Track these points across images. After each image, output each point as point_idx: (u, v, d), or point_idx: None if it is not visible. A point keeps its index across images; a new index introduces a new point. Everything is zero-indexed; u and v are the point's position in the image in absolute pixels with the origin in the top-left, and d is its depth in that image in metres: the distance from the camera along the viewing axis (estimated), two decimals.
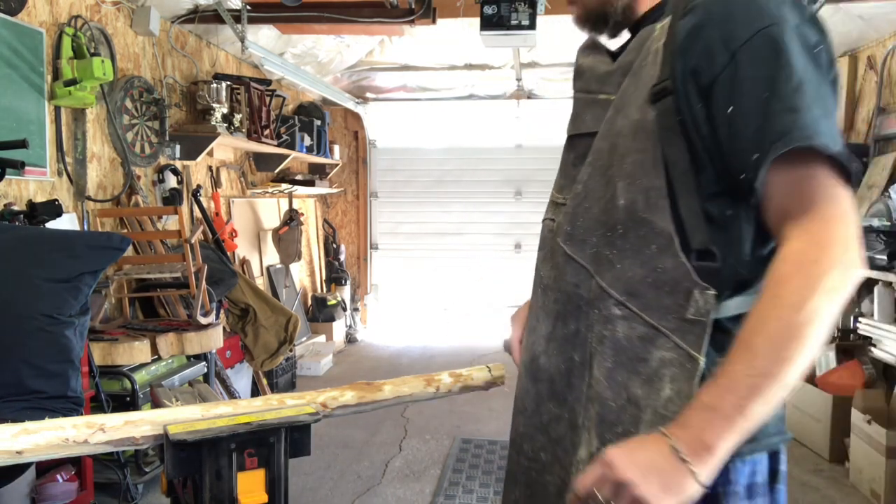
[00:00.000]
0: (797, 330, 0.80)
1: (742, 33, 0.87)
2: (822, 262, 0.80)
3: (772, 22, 0.86)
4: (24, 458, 1.05)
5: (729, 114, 0.87)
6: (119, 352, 2.87)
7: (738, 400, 0.81)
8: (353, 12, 4.04)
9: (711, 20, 0.89)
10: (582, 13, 1.08)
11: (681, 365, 0.90)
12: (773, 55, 0.85)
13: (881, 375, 3.55)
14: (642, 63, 0.96)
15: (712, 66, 0.88)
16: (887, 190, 3.75)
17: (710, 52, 0.88)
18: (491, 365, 1.51)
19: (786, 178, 0.84)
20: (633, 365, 0.93)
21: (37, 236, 2.20)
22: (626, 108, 0.97)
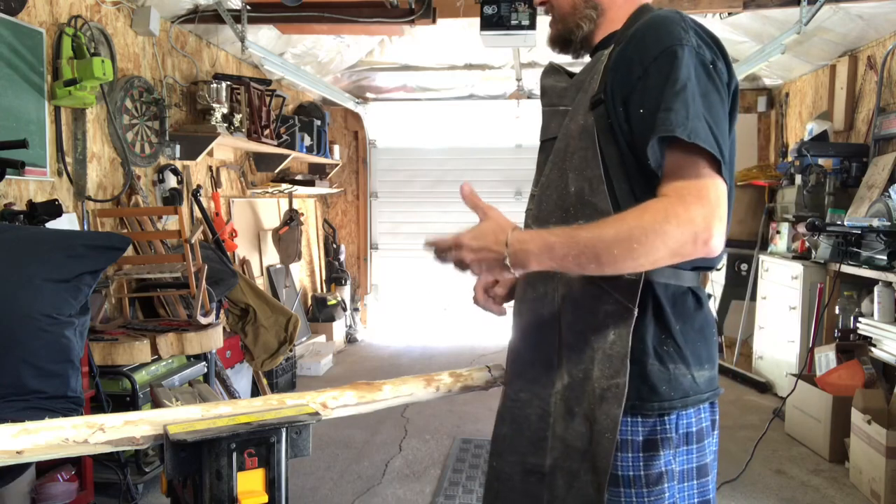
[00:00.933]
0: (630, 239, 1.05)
1: (652, 52, 1.12)
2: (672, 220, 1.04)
3: (674, 42, 1.11)
4: (24, 458, 1.05)
5: (640, 114, 1.12)
6: (119, 352, 2.87)
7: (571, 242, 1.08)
8: (353, 12, 4.04)
9: (633, 44, 1.16)
10: (554, 36, 1.38)
11: (619, 315, 1.17)
12: (669, 68, 1.10)
13: (881, 375, 3.54)
14: (590, 80, 1.23)
15: (630, 78, 1.14)
16: (887, 190, 3.75)
17: (630, 69, 1.14)
18: (491, 365, 1.51)
19: (669, 161, 1.10)
20: (587, 316, 1.20)
21: (37, 236, 2.20)
22: (576, 115, 1.23)
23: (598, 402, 1.17)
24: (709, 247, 1.06)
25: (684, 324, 1.20)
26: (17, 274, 1.98)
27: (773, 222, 5.06)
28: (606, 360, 1.17)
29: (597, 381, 1.18)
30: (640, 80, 1.12)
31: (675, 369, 1.18)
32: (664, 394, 1.17)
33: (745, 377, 4.97)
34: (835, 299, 3.89)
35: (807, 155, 4.60)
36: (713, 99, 1.11)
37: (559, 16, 1.35)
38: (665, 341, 1.18)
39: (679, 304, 1.20)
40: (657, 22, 1.16)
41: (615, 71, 1.16)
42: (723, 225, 1.07)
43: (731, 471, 3.35)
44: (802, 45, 4.71)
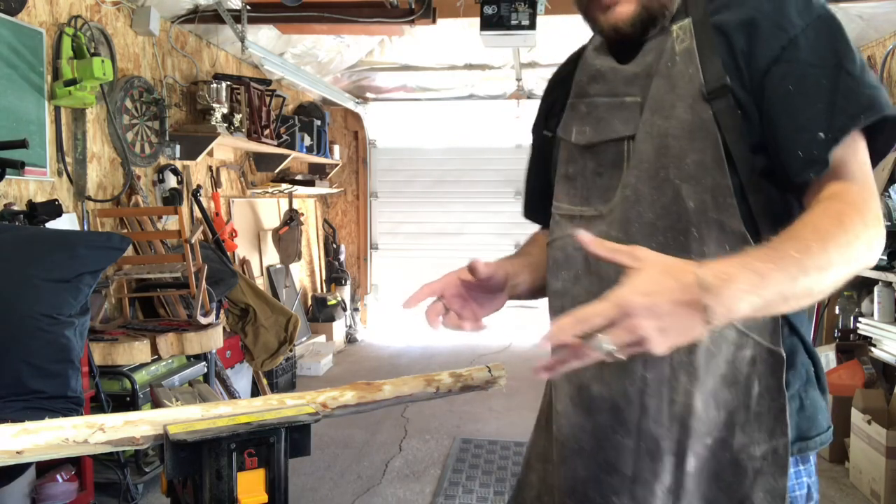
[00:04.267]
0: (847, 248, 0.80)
1: (795, 18, 0.88)
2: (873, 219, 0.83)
3: (823, 11, 0.89)
4: (24, 458, 1.05)
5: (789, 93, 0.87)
6: (119, 352, 2.87)
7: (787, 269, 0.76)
8: (353, 12, 4.04)
9: (762, 12, 0.90)
10: (636, 13, 0.97)
11: (765, 361, 0.90)
12: (834, 40, 0.87)
13: (881, 375, 3.55)
14: (669, 63, 0.95)
15: (770, 52, 0.88)
16: (887, 190, 3.75)
17: (768, 41, 0.89)
18: (491, 365, 1.51)
19: (848, 151, 0.86)
20: (721, 369, 0.91)
21: (37, 236, 2.20)
22: (669, 108, 0.94)
23: (752, 480, 0.91)
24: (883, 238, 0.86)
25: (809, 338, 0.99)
26: (17, 274, 1.98)
27: None
28: (755, 423, 0.91)
29: (740, 452, 0.91)
30: (788, 52, 0.88)
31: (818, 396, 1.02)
32: (821, 425, 1.00)
33: None
34: (835, 299, 3.89)
35: None
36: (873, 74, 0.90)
37: None
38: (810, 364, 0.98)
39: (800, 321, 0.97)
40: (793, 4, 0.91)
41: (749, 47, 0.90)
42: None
43: None
44: None
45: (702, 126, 0.91)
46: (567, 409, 1.02)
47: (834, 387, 3.56)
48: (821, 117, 0.85)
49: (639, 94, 0.98)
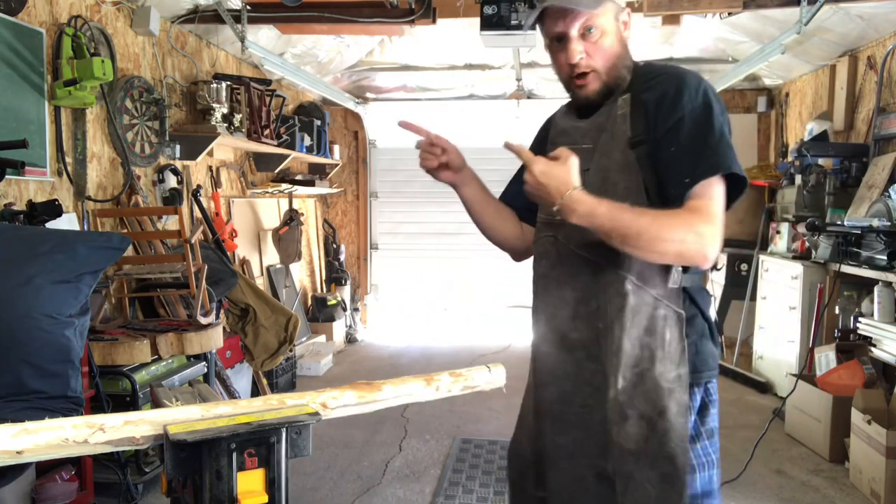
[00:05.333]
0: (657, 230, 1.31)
1: (686, 101, 1.38)
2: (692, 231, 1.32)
3: (703, 94, 1.39)
4: (24, 458, 1.05)
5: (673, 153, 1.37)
6: (119, 352, 2.87)
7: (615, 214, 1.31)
8: (353, 12, 4.04)
9: (667, 95, 1.39)
10: (599, 89, 1.47)
11: (673, 318, 1.41)
12: (706, 117, 1.37)
13: (881, 375, 3.54)
14: (612, 123, 1.44)
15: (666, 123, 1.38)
16: (887, 190, 3.75)
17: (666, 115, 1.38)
18: (491, 365, 1.51)
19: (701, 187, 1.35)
20: (643, 322, 1.40)
21: (37, 236, 2.20)
22: (610, 152, 1.44)
23: (667, 395, 1.38)
24: (709, 258, 1.34)
25: (708, 312, 1.49)
26: (17, 274, 1.98)
27: (773, 222, 5.06)
28: (668, 358, 1.39)
29: (660, 377, 1.38)
30: (678, 126, 1.37)
31: (711, 346, 1.48)
32: (711, 364, 1.47)
33: (745, 377, 4.97)
34: (835, 299, 3.89)
35: (807, 155, 4.60)
36: (729, 136, 1.40)
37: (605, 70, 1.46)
38: (705, 326, 1.47)
39: (704, 298, 1.50)
40: (683, 77, 1.41)
41: (653, 116, 1.39)
42: (719, 241, 1.35)
43: (731, 471, 3.35)
44: (802, 45, 4.71)
45: (628, 165, 1.41)
46: (552, 350, 1.51)
47: (834, 387, 3.56)
48: (688, 169, 1.36)
49: (591, 143, 1.47)
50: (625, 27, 1.48)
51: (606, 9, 1.43)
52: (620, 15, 1.47)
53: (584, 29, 1.43)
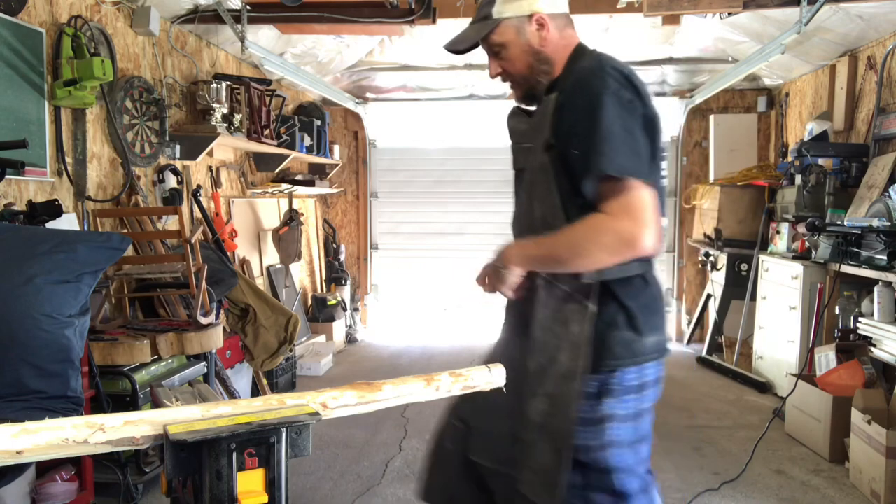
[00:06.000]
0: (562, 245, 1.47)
1: (580, 103, 1.46)
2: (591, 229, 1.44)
3: (597, 92, 1.44)
4: (24, 458, 1.05)
5: (575, 155, 1.46)
6: (119, 352, 2.87)
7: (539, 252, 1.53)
8: (353, 12, 4.04)
9: (567, 97, 1.50)
10: (521, 96, 1.69)
11: (580, 311, 1.51)
12: (594, 117, 1.42)
13: (881, 375, 3.54)
14: (542, 123, 1.54)
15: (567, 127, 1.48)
16: (887, 190, 3.75)
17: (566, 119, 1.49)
18: (491, 365, 1.51)
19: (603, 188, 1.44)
20: (553, 314, 1.56)
21: (37, 236, 2.20)
22: (536, 153, 1.56)
23: (565, 380, 1.52)
24: (638, 249, 1.42)
25: (635, 301, 1.54)
26: (18, 274, 1.98)
27: (773, 222, 5.06)
28: (572, 348, 1.51)
29: (562, 364, 1.53)
30: (575, 125, 1.46)
31: (627, 335, 1.53)
32: (618, 354, 1.53)
33: (745, 377, 4.97)
34: (835, 299, 3.89)
35: (807, 155, 4.60)
36: (635, 131, 1.45)
37: (520, 79, 1.64)
38: (624, 317, 1.53)
39: (629, 287, 1.55)
40: (583, 77, 1.50)
41: (559, 120, 1.50)
42: (651, 228, 1.42)
43: (731, 471, 3.35)
44: (802, 45, 4.71)
45: (544, 166, 1.53)
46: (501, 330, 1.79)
47: (834, 387, 3.56)
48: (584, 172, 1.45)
49: (530, 143, 1.60)
50: (540, 28, 1.59)
51: (504, 27, 1.59)
52: (526, 24, 1.59)
53: (493, 49, 1.62)
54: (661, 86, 6.41)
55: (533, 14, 1.59)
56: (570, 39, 1.63)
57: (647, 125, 1.49)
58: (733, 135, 6.23)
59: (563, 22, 1.63)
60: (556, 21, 1.61)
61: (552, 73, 1.60)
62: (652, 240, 1.42)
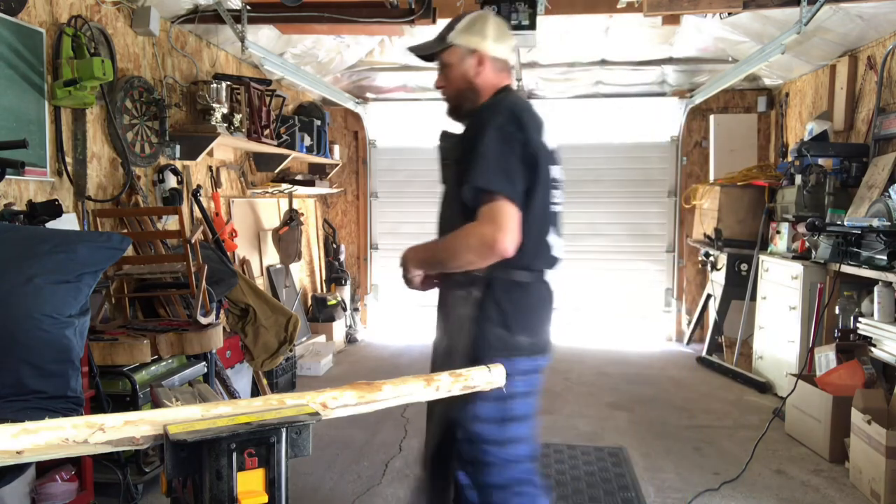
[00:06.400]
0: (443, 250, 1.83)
1: (473, 130, 1.81)
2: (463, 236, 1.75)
3: (485, 124, 1.77)
4: (24, 458, 1.05)
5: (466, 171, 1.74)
6: (119, 352, 2.87)
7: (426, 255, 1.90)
8: (353, 12, 4.04)
9: (469, 126, 1.86)
10: (448, 110, 2.02)
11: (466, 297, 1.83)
12: (477, 143, 1.75)
13: (881, 375, 3.54)
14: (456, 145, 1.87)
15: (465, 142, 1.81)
16: (887, 190, 3.75)
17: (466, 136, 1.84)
18: (491, 365, 1.51)
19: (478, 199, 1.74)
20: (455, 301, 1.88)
21: (37, 236, 2.20)
22: (451, 168, 1.88)
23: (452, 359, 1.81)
24: (498, 250, 1.70)
25: (513, 306, 1.82)
26: (18, 274, 1.98)
27: (773, 222, 5.06)
28: (460, 326, 1.83)
29: (450, 345, 1.86)
30: (466, 145, 1.78)
31: (499, 332, 1.81)
32: (492, 345, 1.80)
33: (745, 377, 4.97)
34: (835, 299, 3.89)
35: (807, 155, 4.60)
36: (510, 158, 1.75)
37: (451, 96, 1.98)
38: (498, 316, 1.81)
39: (510, 293, 1.83)
40: (483, 110, 1.85)
41: (464, 142, 1.82)
42: (510, 234, 1.70)
43: (731, 471, 3.35)
44: (802, 45, 4.71)
45: (454, 178, 1.84)
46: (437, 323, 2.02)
47: (834, 387, 3.56)
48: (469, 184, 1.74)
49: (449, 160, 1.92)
50: (478, 64, 1.92)
51: (452, 51, 1.96)
52: (468, 57, 1.93)
53: (440, 65, 2.00)
54: (661, 86, 6.41)
55: (476, 51, 1.92)
56: (501, 81, 1.95)
57: (527, 157, 1.77)
58: (733, 135, 6.23)
59: (501, 66, 1.95)
60: (494, 64, 1.93)
61: (476, 102, 1.91)
62: (511, 244, 1.70)
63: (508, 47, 1.98)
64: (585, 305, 6.78)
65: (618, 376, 5.26)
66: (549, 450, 3.67)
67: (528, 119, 1.82)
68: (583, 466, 3.45)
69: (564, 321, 6.79)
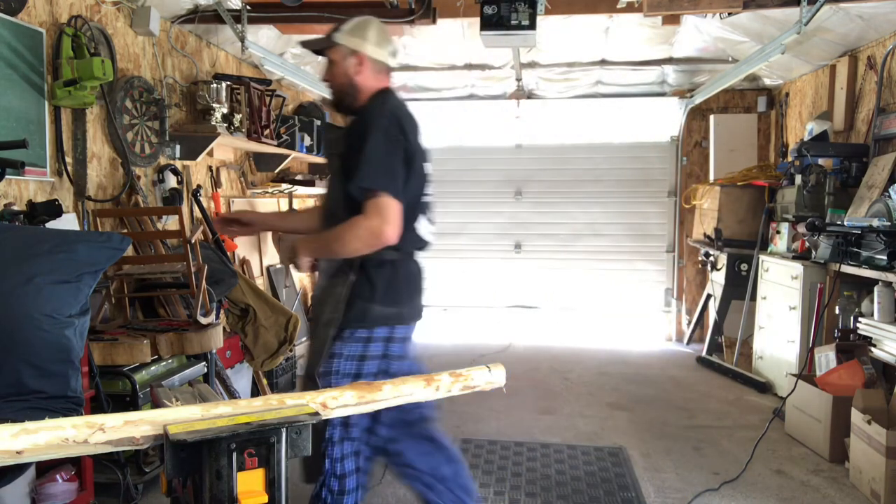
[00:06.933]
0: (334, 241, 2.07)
1: (360, 130, 2.06)
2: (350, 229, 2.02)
3: (372, 125, 2.04)
4: (23, 458, 1.05)
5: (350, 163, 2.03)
6: (119, 352, 2.87)
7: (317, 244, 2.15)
8: (353, 12, 4.02)
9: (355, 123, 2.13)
10: (330, 102, 2.27)
11: (344, 279, 2.13)
12: (363, 144, 2.02)
13: (881, 375, 3.54)
14: (341, 139, 2.14)
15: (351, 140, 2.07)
16: (887, 190, 3.75)
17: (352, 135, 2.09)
18: (491, 365, 1.52)
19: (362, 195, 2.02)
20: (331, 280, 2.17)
21: (37, 236, 2.20)
22: (335, 160, 2.15)
23: (325, 327, 2.14)
24: (383, 239, 2.00)
25: (383, 281, 2.14)
26: (18, 274, 1.98)
27: (773, 222, 5.06)
28: (335, 304, 2.13)
29: (327, 315, 2.14)
30: (352, 145, 2.04)
31: (367, 304, 2.12)
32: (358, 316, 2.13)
33: (745, 377, 4.97)
34: (835, 299, 3.89)
35: (807, 155, 4.60)
36: (393, 159, 2.03)
37: (335, 89, 2.21)
38: (368, 292, 2.12)
39: (380, 270, 2.14)
40: (369, 112, 2.10)
41: (349, 138, 2.09)
42: (393, 225, 1.99)
43: (731, 471, 3.35)
44: (802, 45, 4.71)
45: (338, 169, 2.12)
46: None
47: (834, 387, 3.56)
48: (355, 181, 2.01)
49: (336, 152, 2.15)
50: (359, 64, 2.16)
51: (336, 49, 2.18)
52: (350, 57, 2.16)
53: (327, 60, 2.22)
54: (660, 86, 6.41)
55: (357, 52, 2.16)
56: (381, 83, 2.19)
57: (408, 158, 2.07)
58: (733, 135, 6.23)
59: (380, 68, 2.19)
60: (374, 65, 2.17)
61: (357, 98, 2.16)
62: (394, 234, 2.00)
63: (388, 52, 2.20)
64: (585, 305, 6.78)
65: (618, 376, 5.26)
66: (549, 450, 3.68)
67: (408, 123, 2.10)
68: (583, 466, 3.45)
69: (564, 321, 6.80)
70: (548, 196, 6.75)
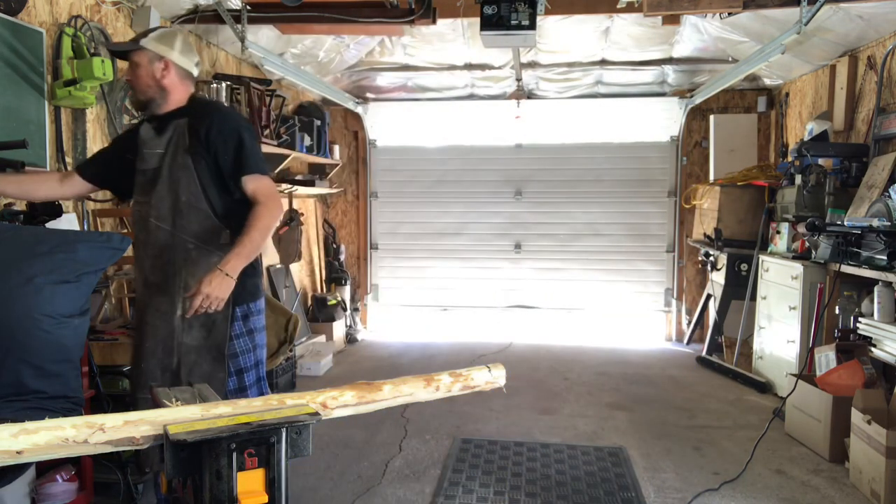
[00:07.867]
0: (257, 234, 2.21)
1: (227, 129, 2.27)
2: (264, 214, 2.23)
3: (239, 126, 2.30)
4: (23, 458, 1.05)
5: (227, 160, 2.25)
6: (119, 352, 2.87)
7: (243, 251, 2.17)
8: (353, 12, 4.04)
9: (218, 125, 2.27)
10: (134, 102, 2.55)
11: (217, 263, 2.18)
12: (241, 140, 2.27)
13: (881, 375, 3.54)
14: (177, 137, 2.27)
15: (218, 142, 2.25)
16: (887, 190, 3.75)
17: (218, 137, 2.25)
18: (491, 365, 1.52)
19: (253, 184, 2.27)
20: (201, 268, 2.21)
21: (37, 236, 2.20)
22: (175, 156, 2.26)
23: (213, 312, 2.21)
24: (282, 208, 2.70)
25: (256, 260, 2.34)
26: (18, 274, 1.98)
27: (773, 222, 5.06)
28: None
29: None
30: (225, 144, 2.24)
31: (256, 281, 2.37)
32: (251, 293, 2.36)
33: (745, 377, 4.97)
34: (835, 299, 3.89)
35: (807, 155, 4.60)
36: (259, 148, 2.33)
37: (138, 91, 2.34)
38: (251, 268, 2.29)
39: None
40: (224, 115, 2.33)
41: (207, 136, 2.24)
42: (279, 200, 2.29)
43: (731, 471, 3.35)
44: (802, 45, 4.71)
45: (186, 165, 2.25)
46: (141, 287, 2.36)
47: (834, 387, 3.56)
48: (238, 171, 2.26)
49: (162, 149, 2.29)
50: (164, 69, 2.31)
51: (142, 53, 2.31)
52: (156, 62, 2.31)
53: (130, 62, 2.34)
54: (661, 86, 6.41)
55: (164, 58, 2.32)
56: (187, 89, 2.38)
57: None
58: (733, 135, 6.23)
59: (185, 75, 2.37)
60: (179, 71, 2.35)
61: (167, 99, 2.32)
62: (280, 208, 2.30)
63: (192, 62, 2.41)
64: (585, 305, 6.78)
65: (618, 376, 5.26)
66: (549, 450, 3.68)
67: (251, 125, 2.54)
68: (583, 466, 3.45)
69: (564, 321, 6.80)
70: (548, 196, 6.75)
